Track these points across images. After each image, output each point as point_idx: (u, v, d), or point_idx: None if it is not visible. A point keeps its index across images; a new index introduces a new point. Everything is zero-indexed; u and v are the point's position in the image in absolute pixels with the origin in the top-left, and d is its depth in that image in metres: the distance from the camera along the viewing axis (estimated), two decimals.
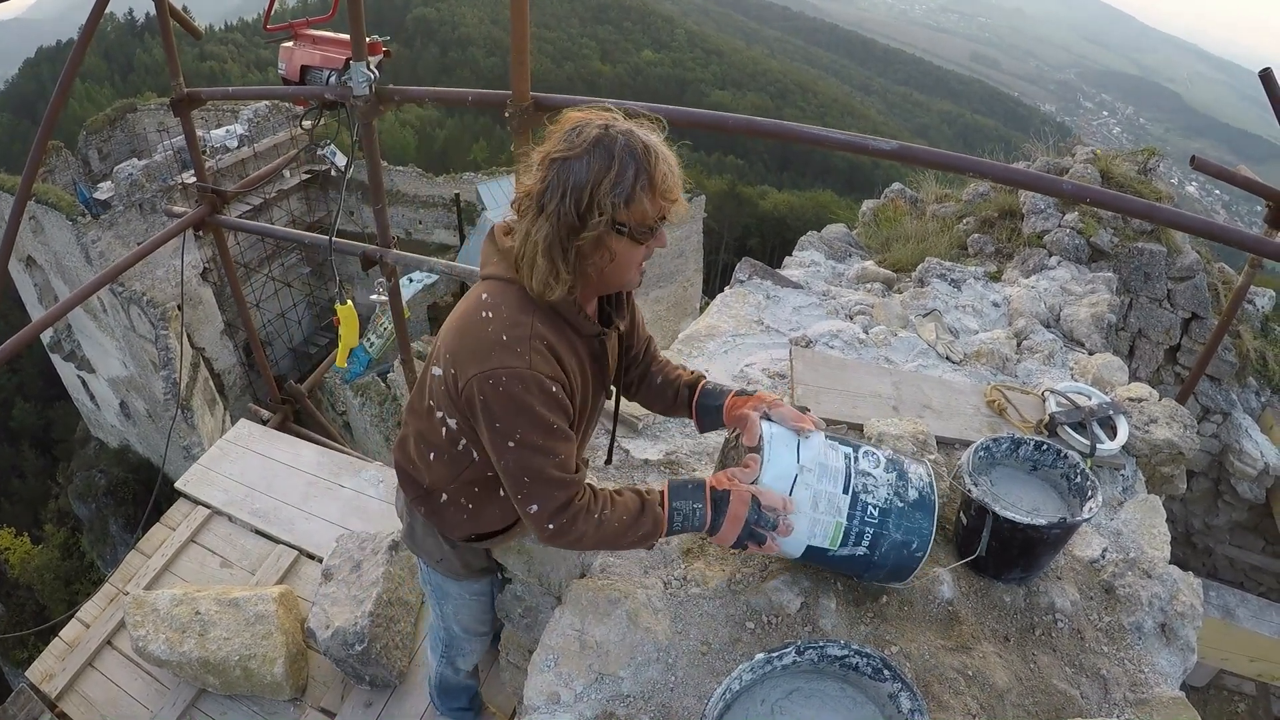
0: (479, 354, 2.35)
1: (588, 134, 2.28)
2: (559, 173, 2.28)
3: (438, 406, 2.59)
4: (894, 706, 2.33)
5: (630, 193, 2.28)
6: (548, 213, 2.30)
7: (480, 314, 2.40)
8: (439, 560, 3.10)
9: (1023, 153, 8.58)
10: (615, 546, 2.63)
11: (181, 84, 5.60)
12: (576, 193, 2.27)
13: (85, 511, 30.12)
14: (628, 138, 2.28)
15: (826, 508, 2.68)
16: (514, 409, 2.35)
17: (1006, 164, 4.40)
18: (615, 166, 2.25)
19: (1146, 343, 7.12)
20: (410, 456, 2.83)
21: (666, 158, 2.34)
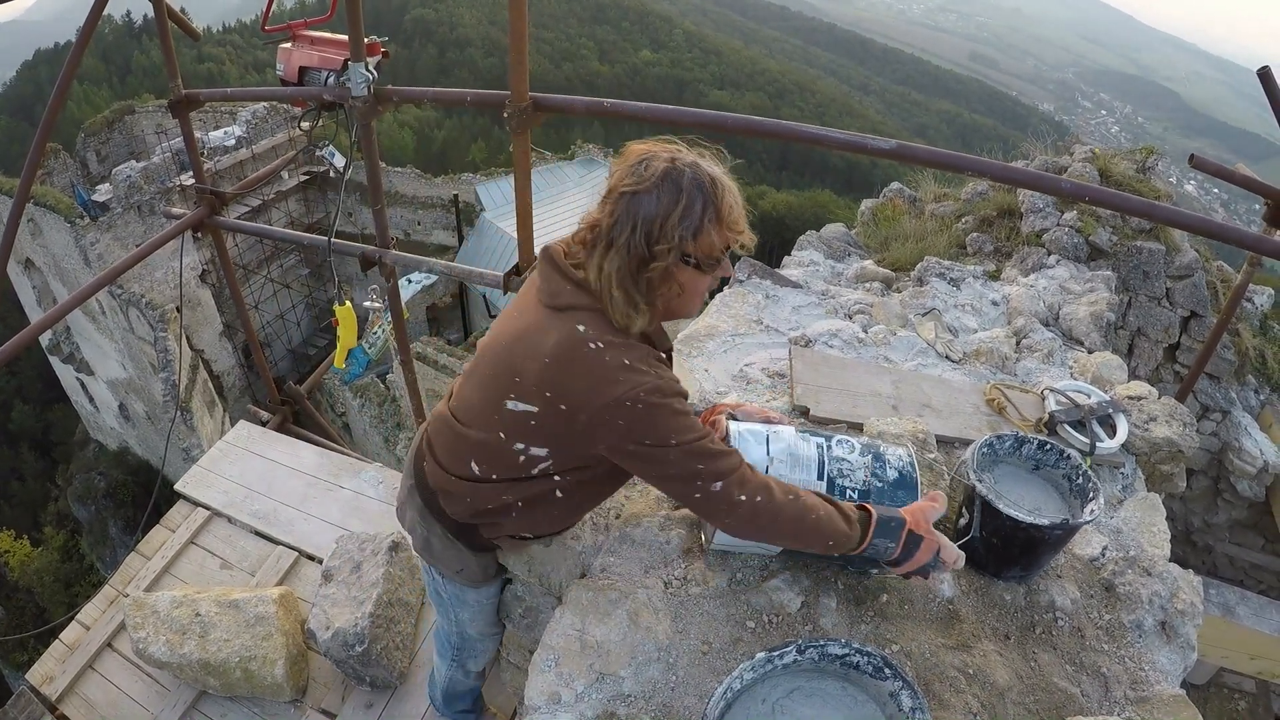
0: (605, 383, 2.38)
1: (655, 167, 2.34)
2: (629, 206, 2.35)
3: (518, 439, 2.58)
4: (895, 705, 2.33)
5: (698, 225, 2.35)
6: (618, 246, 2.38)
7: (587, 346, 2.40)
8: (459, 570, 3.10)
9: (1021, 152, 8.59)
10: (807, 539, 2.56)
11: (180, 85, 5.59)
12: (646, 226, 2.34)
13: (85, 514, 30.08)
14: (695, 170, 2.36)
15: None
16: (661, 418, 2.40)
17: (1005, 163, 4.39)
18: (684, 200, 2.33)
19: (1145, 341, 7.13)
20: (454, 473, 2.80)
21: (732, 190, 2.41)
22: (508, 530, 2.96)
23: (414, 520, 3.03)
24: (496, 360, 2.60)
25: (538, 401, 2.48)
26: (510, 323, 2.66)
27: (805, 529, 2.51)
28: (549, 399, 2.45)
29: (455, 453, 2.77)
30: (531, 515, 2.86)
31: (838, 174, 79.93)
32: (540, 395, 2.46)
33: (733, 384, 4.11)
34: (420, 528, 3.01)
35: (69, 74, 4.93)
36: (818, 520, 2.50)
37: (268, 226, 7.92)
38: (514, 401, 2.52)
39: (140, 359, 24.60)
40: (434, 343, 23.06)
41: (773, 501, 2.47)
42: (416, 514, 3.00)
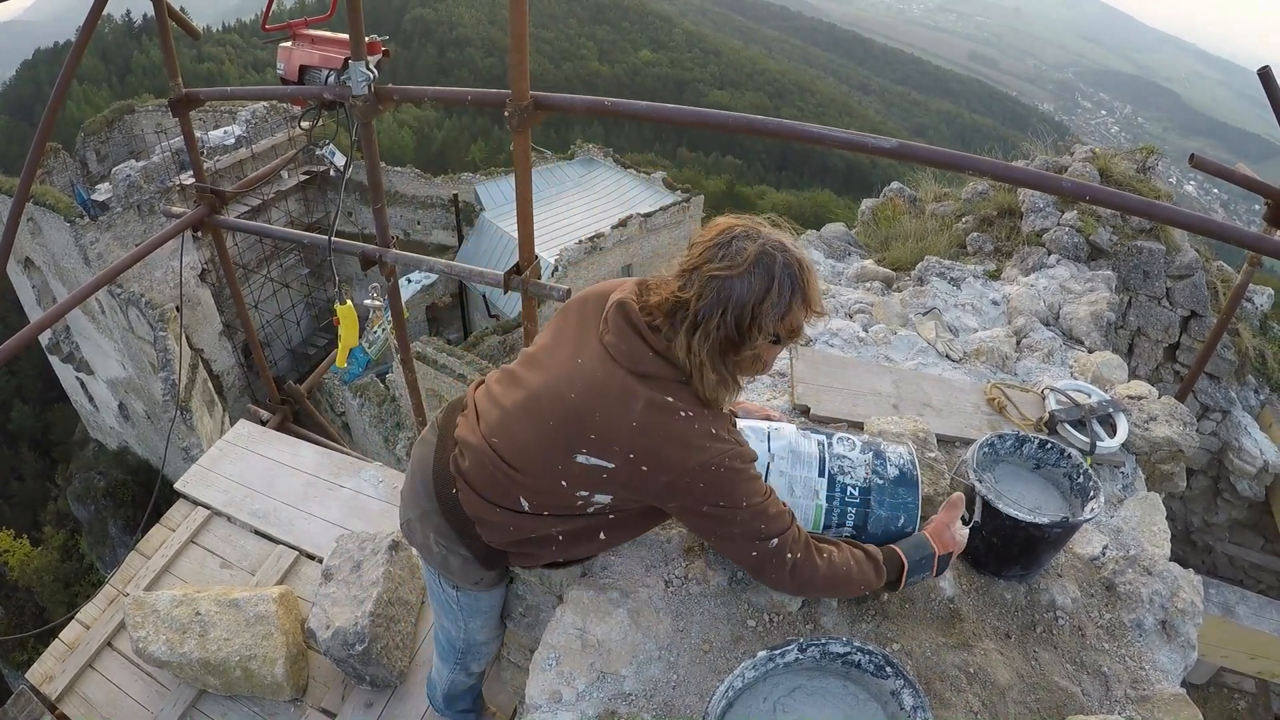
0: (695, 450, 2.44)
1: (748, 251, 2.38)
2: (719, 291, 2.38)
3: (582, 488, 2.59)
4: (896, 704, 2.33)
5: (788, 310, 2.40)
6: (708, 329, 2.41)
7: (678, 414, 2.45)
8: (476, 582, 3.09)
9: (1021, 151, 8.59)
10: (843, 590, 2.69)
11: (180, 84, 5.59)
12: (738, 311, 2.38)
13: (84, 513, 30.10)
14: (784, 255, 2.41)
15: (803, 491, 2.81)
16: (738, 482, 2.48)
17: (1006, 162, 4.39)
18: (775, 287, 2.37)
19: (1146, 341, 7.13)
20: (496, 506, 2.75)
21: (814, 271, 2.48)
22: (543, 560, 2.97)
23: (432, 540, 2.95)
24: (562, 411, 2.55)
25: (616, 460, 2.49)
26: (572, 371, 2.59)
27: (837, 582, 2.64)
28: (631, 460, 2.47)
29: (502, 489, 2.71)
30: (571, 549, 2.86)
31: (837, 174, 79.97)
32: (622, 456, 2.48)
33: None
34: (439, 548, 2.94)
35: (69, 73, 4.93)
36: (848, 575, 2.63)
37: (268, 225, 7.90)
38: (586, 457, 2.52)
39: (140, 358, 24.61)
40: (434, 342, 23.07)
41: (817, 568, 2.59)
42: (435, 534, 2.92)
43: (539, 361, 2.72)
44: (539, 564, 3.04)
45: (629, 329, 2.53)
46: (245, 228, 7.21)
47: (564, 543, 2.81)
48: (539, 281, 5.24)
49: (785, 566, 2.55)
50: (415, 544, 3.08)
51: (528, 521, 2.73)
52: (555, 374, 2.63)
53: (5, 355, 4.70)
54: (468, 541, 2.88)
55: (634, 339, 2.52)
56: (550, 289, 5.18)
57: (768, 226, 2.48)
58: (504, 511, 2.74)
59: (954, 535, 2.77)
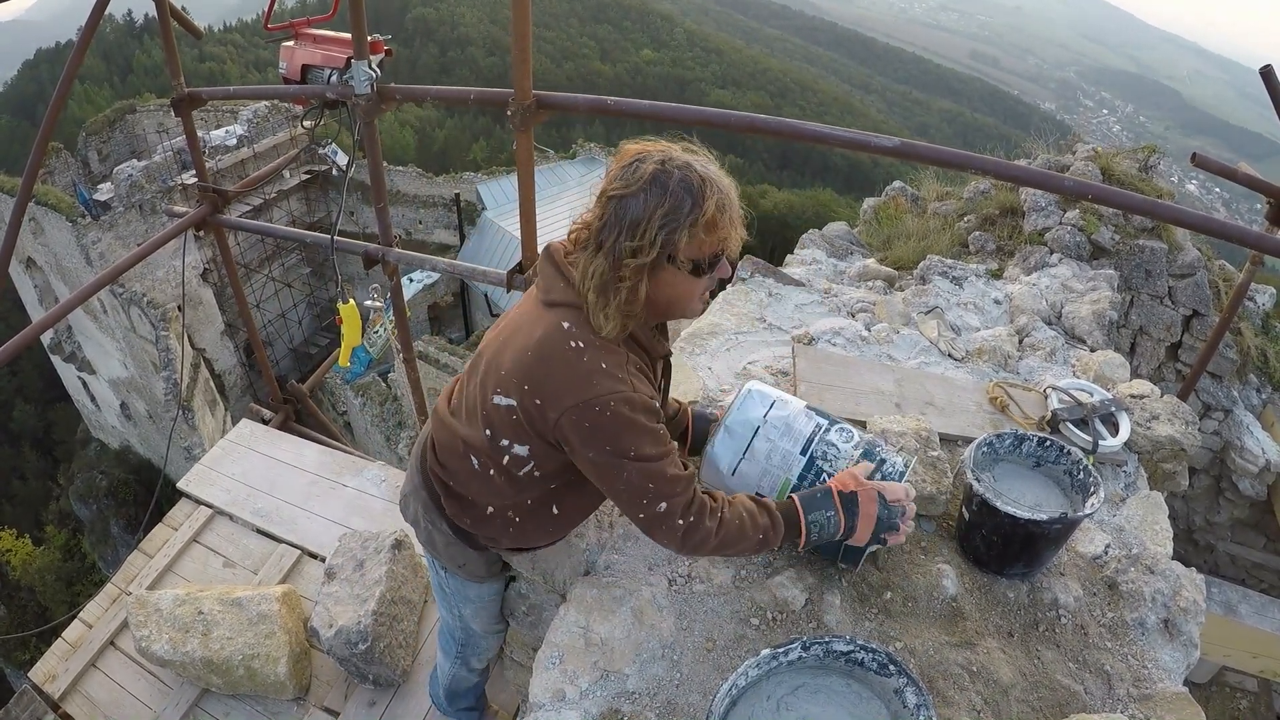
0: (577, 384, 2.38)
1: (644, 170, 2.32)
2: (616, 209, 2.34)
3: (502, 435, 2.58)
4: (900, 702, 2.33)
5: (682, 227, 2.32)
6: (605, 249, 2.36)
7: (568, 344, 2.40)
8: (461, 565, 3.10)
9: (1023, 150, 8.58)
10: (736, 548, 2.64)
11: (182, 84, 5.60)
12: (631, 229, 2.31)
13: (86, 513, 30.09)
14: (684, 172, 2.33)
15: (779, 462, 2.82)
16: (624, 429, 2.40)
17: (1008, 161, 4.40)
18: (669, 202, 2.30)
19: (1148, 340, 7.13)
20: (452, 471, 2.81)
21: (724, 191, 2.37)
22: (505, 544, 3.01)
23: (418, 514, 3.03)
24: (490, 354, 2.61)
25: (517, 394, 2.48)
26: (508, 322, 2.67)
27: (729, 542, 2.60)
28: (526, 392, 2.45)
29: (450, 447, 2.78)
30: (527, 528, 2.87)
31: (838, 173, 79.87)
32: (520, 388, 2.46)
33: (736, 382, 4.11)
34: (424, 521, 3.02)
35: (71, 73, 4.93)
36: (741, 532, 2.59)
37: (270, 225, 7.91)
38: (498, 395, 2.53)
39: (142, 358, 24.62)
40: (436, 341, 23.07)
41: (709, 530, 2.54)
42: (421, 508, 3.00)
43: (497, 325, 2.78)
44: (503, 546, 3.05)
45: (548, 263, 2.56)
46: (248, 227, 7.21)
47: (519, 524, 2.84)
48: None
49: (676, 531, 2.53)
50: (408, 520, 3.13)
51: (479, 490, 2.77)
52: (499, 328, 2.70)
53: (7, 355, 4.71)
54: (442, 514, 2.94)
55: (550, 270, 2.54)
56: None
57: (680, 150, 2.42)
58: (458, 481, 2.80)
59: (856, 476, 2.69)
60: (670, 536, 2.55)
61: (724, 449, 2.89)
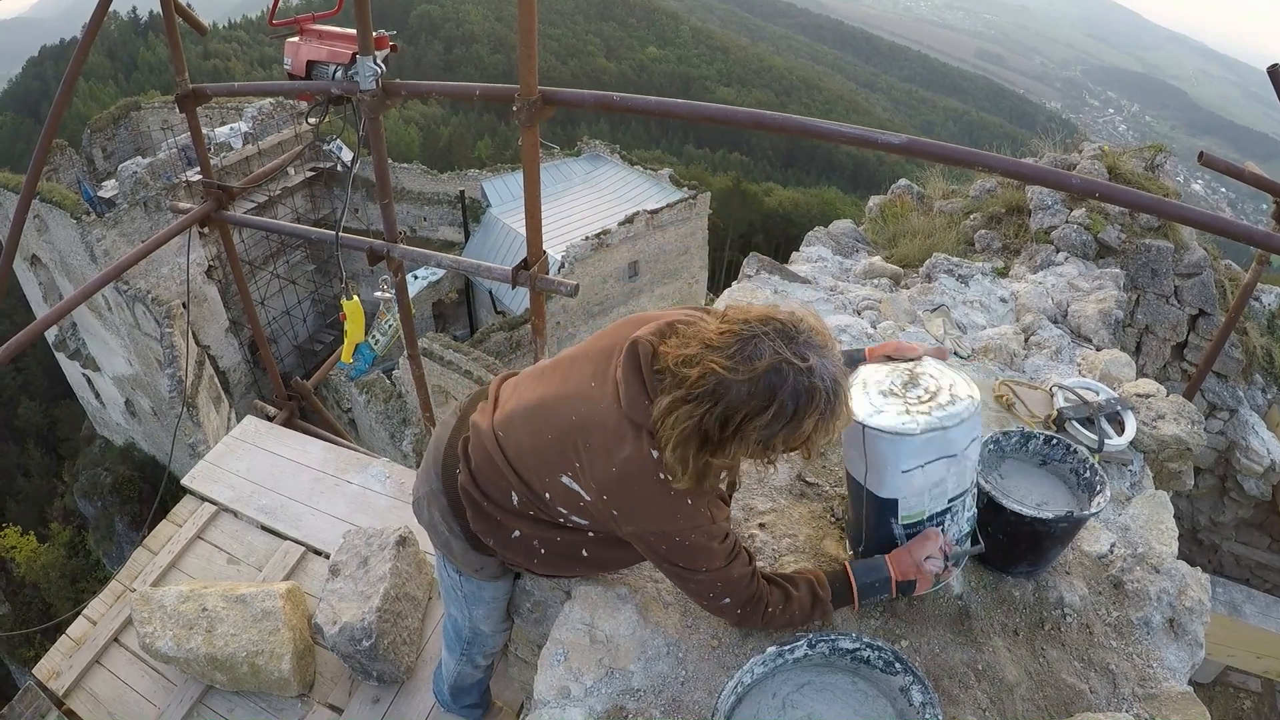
0: (661, 516, 2.39)
1: (760, 362, 2.14)
2: (716, 385, 2.16)
3: (562, 505, 2.56)
4: (905, 700, 2.33)
5: (775, 437, 2.19)
6: (694, 414, 2.20)
7: (656, 475, 2.33)
8: (479, 569, 3.08)
9: (1029, 149, 8.58)
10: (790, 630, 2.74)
11: (187, 80, 5.59)
12: (723, 421, 2.17)
13: (90, 509, 30.17)
14: (799, 380, 2.15)
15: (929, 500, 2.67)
16: (698, 554, 2.45)
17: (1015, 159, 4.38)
18: (773, 409, 2.15)
19: (1153, 339, 7.12)
20: (489, 495, 2.75)
21: (835, 403, 2.20)
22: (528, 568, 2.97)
23: (436, 520, 2.98)
24: (561, 429, 2.50)
25: (592, 495, 2.45)
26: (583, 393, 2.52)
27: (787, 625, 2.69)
28: (605, 501, 2.43)
29: (495, 481, 2.72)
30: (552, 565, 2.86)
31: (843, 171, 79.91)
32: (598, 495, 2.43)
33: None
34: (442, 527, 2.97)
35: (75, 70, 4.93)
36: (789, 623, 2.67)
37: (275, 221, 7.91)
38: (569, 480, 2.49)
39: (146, 355, 24.67)
40: (440, 338, 23.13)
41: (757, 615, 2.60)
42: (440, 514, 2.95)
43: (563, 370, 2.64)
44: (522, 568, 3.01)
45: (634, 372, 2.38)
46: (253, 223, 7.21)
47: (545, 556, 2.80)
48: (547, 277, 5.24)
49: (733, 618, 2.63)
50: (422, 523, 3.10)
51: (512, 520, 2.74)
52: (569, 389, 2.56)
53: (12, 351, 4.71)
54: (464, 526, 2.90)
55: (635, 384, 2.38)
56: (558, 284, 5.18)
57: (809, 326, 2.25)
58: (492, 504, 2.75)
59: (916, 562, 2.65)
60: (729, 620, 2.69)
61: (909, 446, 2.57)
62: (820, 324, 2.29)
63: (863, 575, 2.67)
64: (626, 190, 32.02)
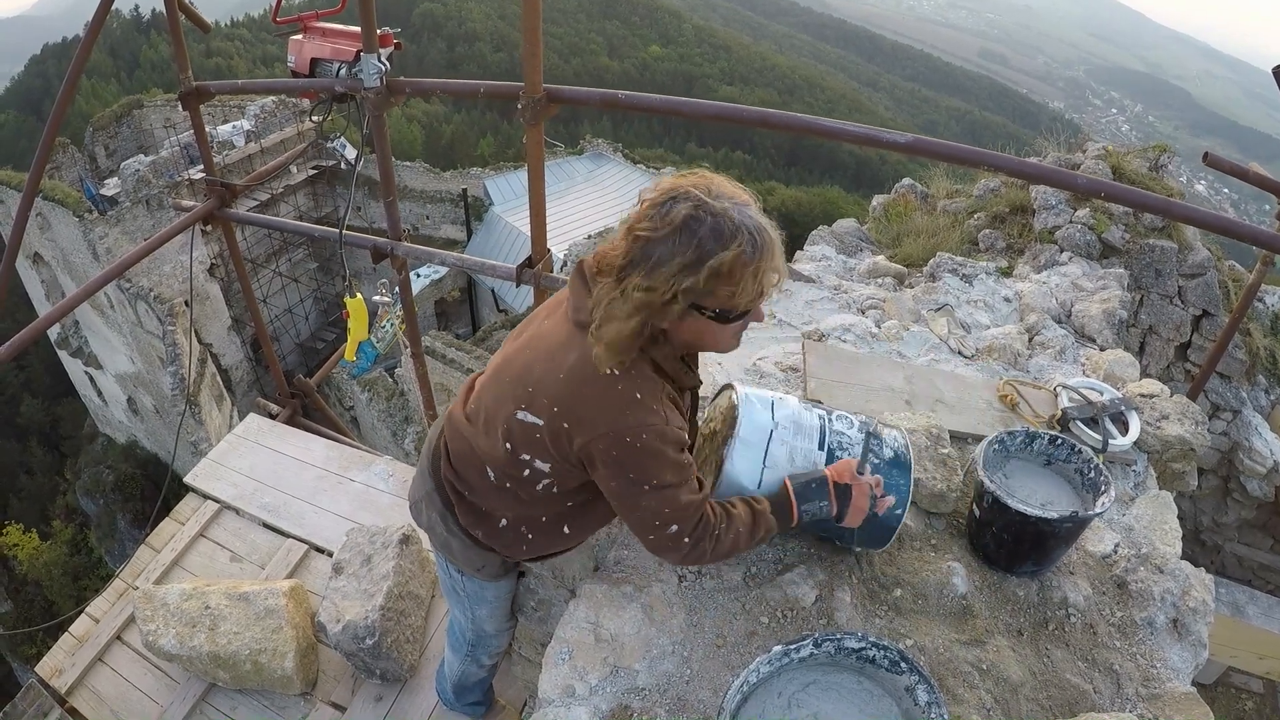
0: (611, 413, 2.35)
1: (676, 213, 2.20)
2: (642, 250, 2.23)
3: (522, 450, 2.55)
4: (910, 699, 2.33)
5: (712, 284, 2.22)
6: (622, 285, 2.26)
7: (604, 371, 2.34)
8: (480, 568, 3.09)
9: (1033, 149, 8.58)
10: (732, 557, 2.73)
11: (190, 78, 5.60)
12: (650, 273, 2.22)
13: (93, 507, 30.16)
14: (718, 221, 2.19)
15: (803, 462, 2.77)
16: (652, 461, 2.38)
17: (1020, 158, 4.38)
18: (693, 251, 2.19)
19: (1157, 339, 7.11)
20: (467, 482, 2.79)
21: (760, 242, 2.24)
22: (519, 556, 2.99)
23: (434, 521, 3.00)
24: (518, 367, 2.55)
25: (545, 415, 2.44)
26: (535, 333, 2.62)
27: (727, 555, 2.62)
28: (555, 414, 2.41)
29: (467, 458, 2.75)
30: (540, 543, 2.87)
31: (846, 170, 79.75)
32: (549, 410, 2.42)
33: (746, 377, 4.11)
34: (440, 528, 2.98)
35: (77, 68, 4.93)
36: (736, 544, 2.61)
37: (279, 219, 7.91)
38: (524, 413, 2.48)
39: (148, 353, 24.65)
40: (442, 337, 23.13)
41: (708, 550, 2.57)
42: (436, 515, 2.97)
43: (519, 331, 2.73)
44: (517, 558, 3.03)
45: (579, 280, 2.47)
46: (256, 221, 7.22)
47: (533, 540, 2.83)
48: (551, 275, 5.24)
49: (681, 551, 2.54)
50: (421, 526, 3.11)
51: (495, 505, 2.76)
52: (524, 339, 2.64)
53: (14, 349, 4.72)
54: (460, 523, 2.91)
55: (580, 289, 2.45)
56: (561, 282, 5.18)
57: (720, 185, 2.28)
58: (474, 493, 2.79)
59: (852, 470, 2.68)
60: (674, 555, 2.58)
61: (743, 463, 2.75)
62: (736, 187, 2.33)
63: (798, 479, 2.69)
64: (629, 189, 32.00)
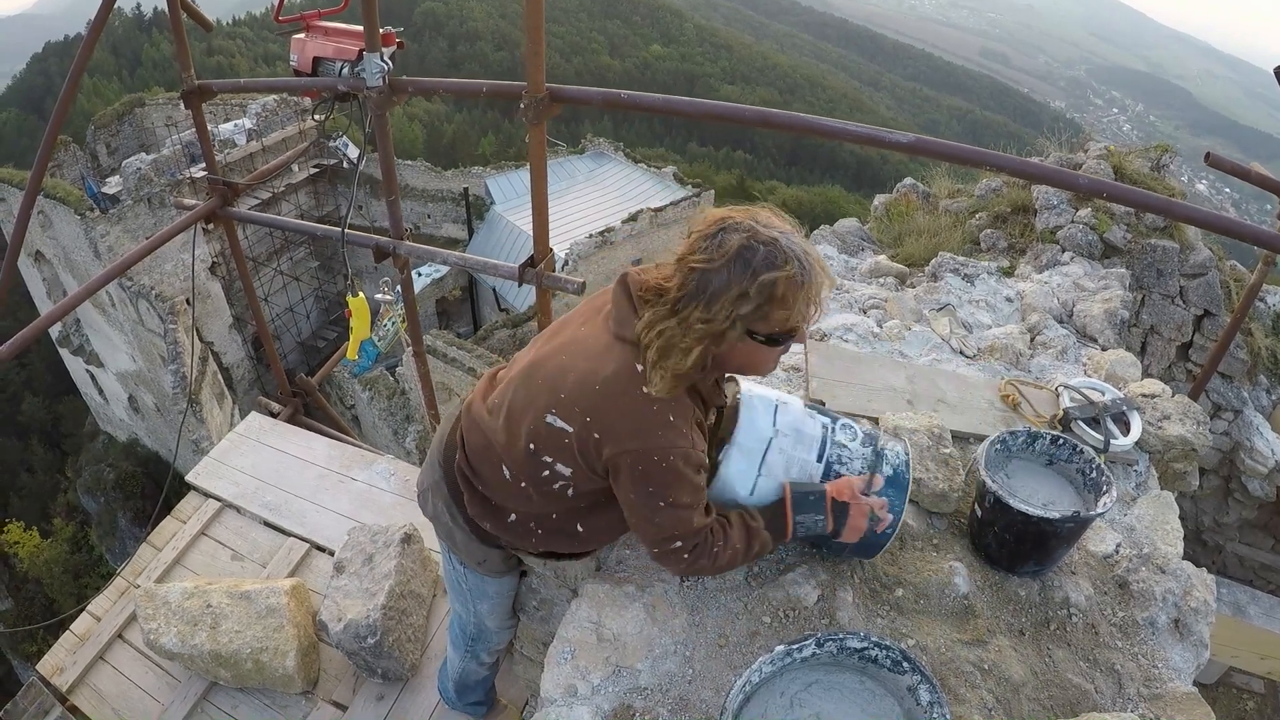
0: (643, 431, 2.39)
1: (730, 244, 2.27)
2: (697, 282, 2.30)
3: (545, 453, 2.57)
4: (913, 699, 2.33)
5: (766, 308, 2.29)
6: (680, 316, 2.33)
7: (639, 388, 2.40)
8: (481, 562, 3.10)
9: (1034, 149, 8.57)
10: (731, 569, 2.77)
11: (193, 76, 5.59)
12: (709, 304, 2.29)
13: (94, 505, 30.17)
14: (770, 249, 2.28)
15: (798, 473, 2.76)
16: (673, 481, 2.43)
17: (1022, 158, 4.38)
18: (754, 282, 2.26)
19: (1159, 339, 7.11)
20: (481, 476, 2.80)
21: (806, 267, 2.31)
22: (527, 550, 3.01)
23: (439, 509, 3.01)
24: (551, 370, 2.57)
25: (576, 423, 2.46)
26: (571, 337, 2.64)
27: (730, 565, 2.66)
28: (587, 424, 2.44)
29: (484, 454, 2.76)
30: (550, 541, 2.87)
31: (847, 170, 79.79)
32: (580, 419, 2.45)
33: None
34: (445, 517, 2.99)
35: (80, 67, 4.93)
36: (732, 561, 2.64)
37: (281, 218, 7.91)
38: (554, 418, 2.50)
39: (150, 351, 24.66)
40: (444, 335, 23.13)
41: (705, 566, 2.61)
42: (442, 504, 2.98)
43: (553, 331, 2.76)
44: (525, 551, 3.06)
45: (623, 295, 2.52)
46: (258, 219, 7.21)
47: (542, 536, 2.84)
48: (554, 274, 5.24)
49: (680, 565, 2.60)
50: (427, 514, 3.12)
51: (507, 500, 2.77)
52: (559, 342, 2.66)
53: (16, 348, 4.72)
54: (466, 515, 2.92)
55: (624, 304, 2.50)
56: (565, 281, 5.19)
57: (766, 216, 2.37)
58: (486, 485, 2.80)
59: (853, 489, 2.69)
60: (675, 568, 2.69)
61: (738, 470, 2.76)
62: (778, 215, 2.41)
63: (797, 489, 2.69)
64: (630, 188, 32.04)
